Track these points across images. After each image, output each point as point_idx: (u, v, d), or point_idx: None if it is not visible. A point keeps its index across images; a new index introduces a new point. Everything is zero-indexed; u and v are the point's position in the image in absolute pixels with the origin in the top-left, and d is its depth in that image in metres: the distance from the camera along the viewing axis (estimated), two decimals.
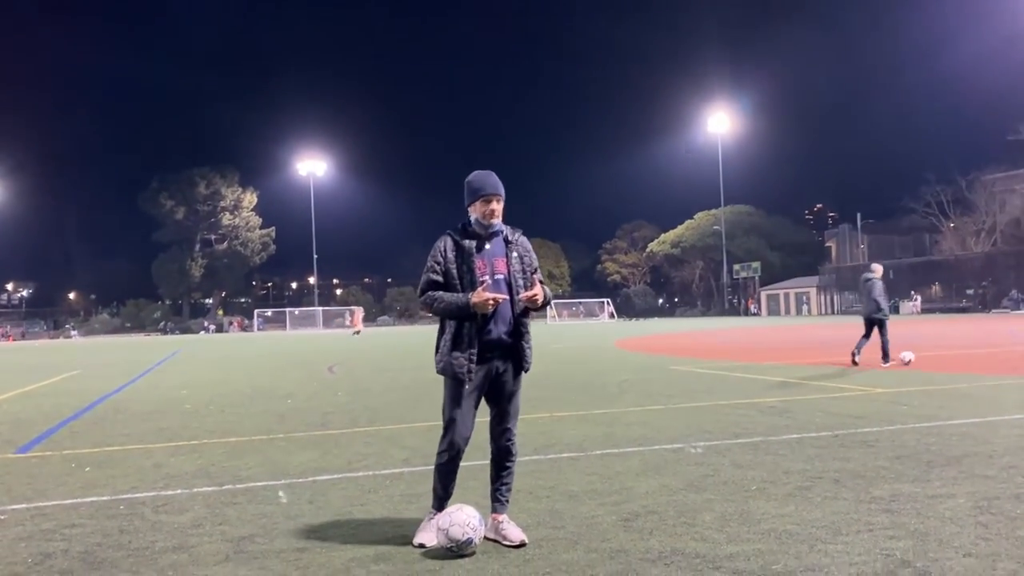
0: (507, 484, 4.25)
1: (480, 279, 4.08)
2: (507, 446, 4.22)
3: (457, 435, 4.13)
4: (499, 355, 4.14)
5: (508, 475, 4.25)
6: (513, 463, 4.26)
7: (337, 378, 15.57)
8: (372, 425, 8.52)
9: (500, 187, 4.22)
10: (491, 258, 4.16)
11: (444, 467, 4.21)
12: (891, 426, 7.32)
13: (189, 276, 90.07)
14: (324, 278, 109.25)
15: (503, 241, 4.24)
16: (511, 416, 4.22)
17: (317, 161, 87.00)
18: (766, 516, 4.39)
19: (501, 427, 4.22)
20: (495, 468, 4.26)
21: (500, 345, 4.13)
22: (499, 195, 4.20)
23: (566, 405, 9.74)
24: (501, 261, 4.17)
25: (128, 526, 4.65)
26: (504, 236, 4.25)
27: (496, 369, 4.15)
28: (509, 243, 4.24)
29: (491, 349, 4.11)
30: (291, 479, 5.84)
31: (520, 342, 4.19)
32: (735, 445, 6.61)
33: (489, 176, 4.24)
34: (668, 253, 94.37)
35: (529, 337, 4.26)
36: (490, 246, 4.19)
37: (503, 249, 4.21)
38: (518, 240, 4.29)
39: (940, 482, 5.06)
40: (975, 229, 70.68)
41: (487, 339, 4.09)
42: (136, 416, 10.06)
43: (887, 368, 13.32)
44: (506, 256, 4.19)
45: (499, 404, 4.22)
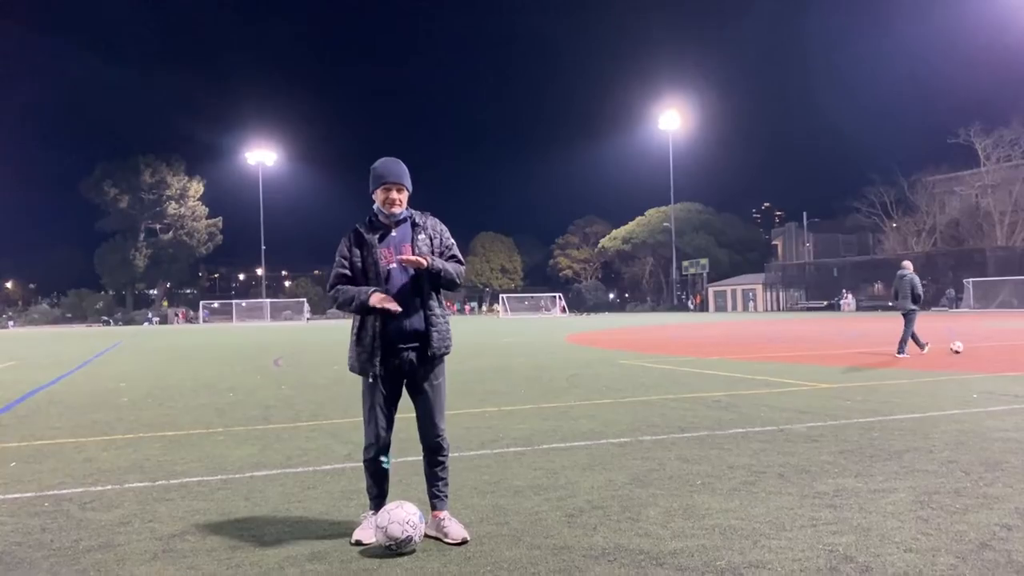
0: (443, 479, 4.13)
1: (386, 268, 4.01)
2: (436, 443, 4.10)
3: (377, 431, 4.05)
4: (409, 344, 4.02)
5: (443, 470, 4.13)
6: (446, 458, 4.14)
7: (282, 371, 15.29)
8: (315, 419, 8.34)
9: (404, 176, 4.12)
10: (397, 244, 4.08)
11: (370, 465, 4.11)
12: (835, 421, 7.39)
13: (133, 266, 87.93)
14: (272, 269, 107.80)
15: (410, 226, 4.13)
16: (435, 411, 4.08)
17: (266, 151, 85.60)
18: (711, 511, 4.36)
19: (426, 423, 4.10)
20: (428, 466, 4.15)
21: (408, 334, 4.01)
22: (400, 184, 4.10)
23: (515, 399, 9.66)
24: (407, 247, 4.07)
25: (51, 524, 4.44)
26: (412, 221, 4.15)
27: (408, 359, 4.03)
28: (416, 226, 4.13)
29: (399, 339, 4.00)
30: (228, 475, 5.65)
31: (428, 327, 4.04)
32: (681, 439, 6.60)
33: (394, 164, 4.15)
34: (619, 249, 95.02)
35: (438, 320, 4.08)
36: (396, 233, 4.11)
37: (409, 234, 4.11)
38: (426, 223, 4.18)
39: (882, 476, 5.09)
40: (916, 229, 72.50)
41: (393, 329, 3.98)
42: (70, 409, 9.72)
43: (901, 359, 13.88)
44: (412, 240, 4.09)
45: (418, 398, 4.11)
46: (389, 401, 4.08)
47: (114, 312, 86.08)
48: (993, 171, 66.90)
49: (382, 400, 4.05)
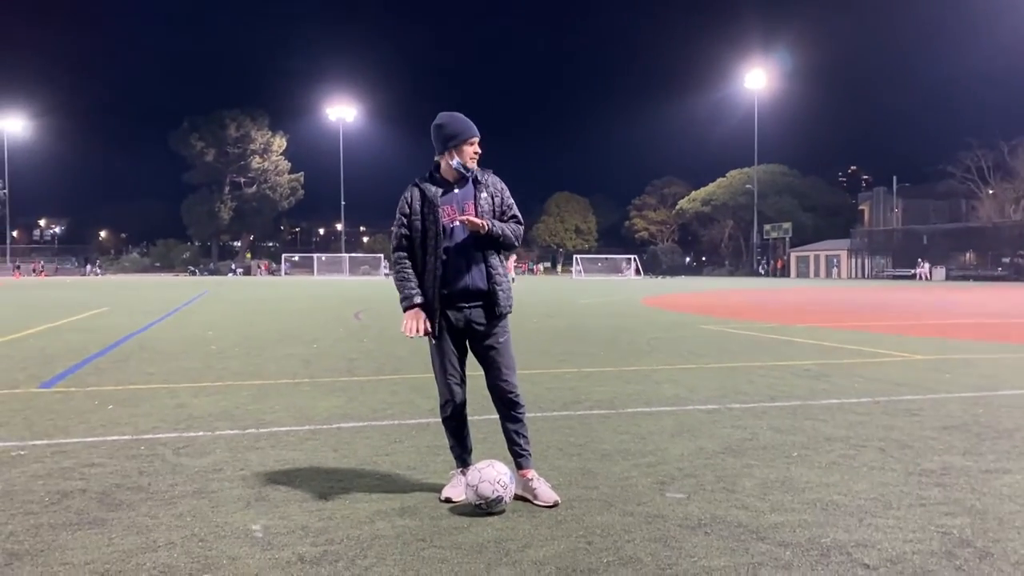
0: (524, 436, 4.03)
1: (449, 225, 3.92)
2: (509, 398, 4.00)
3: (448, 388, 4.00)
4: (470, 303, 3.94)
5: (521, 427, 4.02)
6: (522, 415, 4.03)
7: (363, 325, 15.49)
8: (398, 373, 8.39)
9: (475, 129, 4.04)
10: (460, 202, 3.97)
11: (449, 422, 4.07)
12: (934, 395, 7.05)
13: (218, 218, 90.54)
14: (351, 225, 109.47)
15: (472, 184, 4.02)
16: (503, 367, 3.99)
17: (347, 107, 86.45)
18: (810, 484, 4.18)
19: (497, 380, 4.00)
20: (505, 423, 4.05)
21: (470, 292, 3.93)
22: (478, 137, 4.02)
23: (594, 361, 9.54)
24: (470, 204, 3.97)
25: (148, 467, 4.54)
26: (473, 178, 4.03)
27: (469, 318, 3.96)
28: (478, 183, 4.02)
29: (460, 298, 3.93)
30: (316, 425, 5.71)
31: (491, 285, 3.95)
32: (772, 408, 6.39)
33: (463, 118, 4.04)
34: (698, 211, 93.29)
35: (502, 279, 4.00)
36: (459, 190, 4.00)
37: (472, 192, 4.00)
38: (488, 180, 4.06)
39: (993, 456, 4.81)
40: (1015, 196, 68.97)
41: (455, 288, 3.92)
42: (161, 355, 10.02)
43: None
44: (475, 198, 3.98)
45: (483, 355, 4.02)
46: (458, 357, 4.03)
47: (199, 262, 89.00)
48: None
49: (451, 357, 4.01)
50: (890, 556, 3.18)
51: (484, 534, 3.45)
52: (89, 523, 3.58)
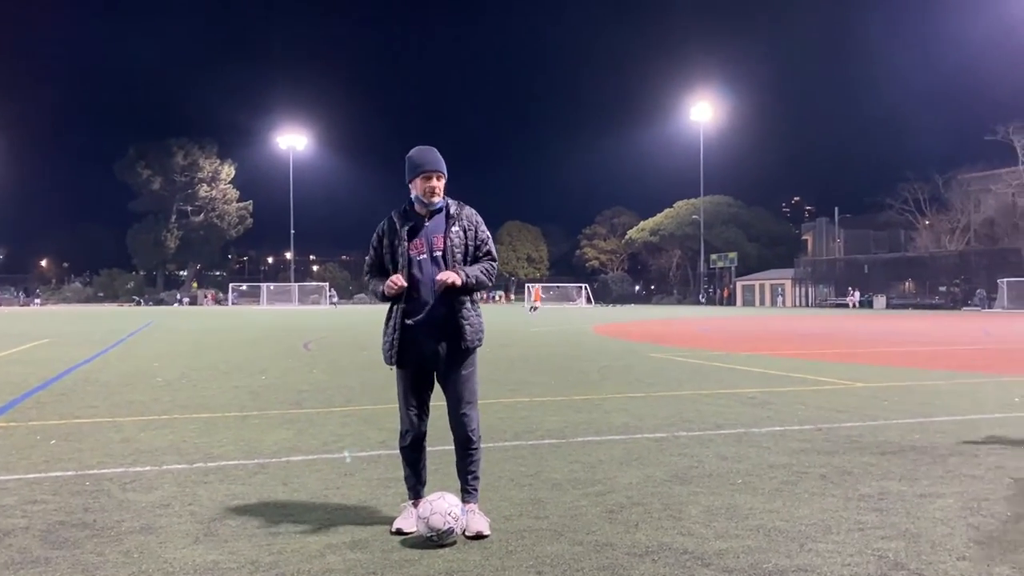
0: (473, 472, 4.07)
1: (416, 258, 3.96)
2: (465, 434, 4.03)
3: (410, 418, 4.04)
4: (437, 335, 3.96)
5: (473, 464, 4.06)
6: (476, 450, 4.07)
7: (313, 355, 15.37)
8: (348, 405, 8.36)
9: (441, 164, 4.05)
10: (430, 235, 4.01)
11: (407, 453, 4.10)
12: (874, 421, 7.27)
13: (164, 247, 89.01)
14: (301, 254, 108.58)
15: (444, 217, 4.05)
16: (463, 401, 4.02)
17: (297, 135, 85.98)
18: (754, 511, 4.29)
19: (455, 413, 4.04)
20: (458, 458, 4.09)
21: (437, 325, 3.95)
22: (439, 172, 4.03)
23: (546, 390, 9.62)
24: (439, 237, 4.00)
25: (93, 504, 4.47)
26: (447, 211, 4.06)
27: (436, 351, 3.98)
28: (451, 217, 4.04)
29: (427, 329, 3.95)
30: (265, 459, 5.67)
31: (458, 319, 3.97)
32: (718, 436, 6.52)
33: (430, 152, 4.07)
34: (647, 240, 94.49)
35: (469, 313, 4.01)
36: (430, 223, 4.03)
37: (443, 225, 4.03)
38: (462, 214, 4.08)
39: (928, 481, 4.99)
40: (950, 227, 71.29)
41: (422, 319, 3.95)
42: (106, 388, 9.83)
43: None
44: (444, 232, 4.00)
45: (449, 388, 4.05)
46: (422, 389, 4.06)
47: (145, 292, 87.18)
48: None
49: (412, 388, 4.04)
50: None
51: (435, 566, 3.48)
52: (32, 562, 3.52)
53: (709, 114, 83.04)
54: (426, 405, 4.09)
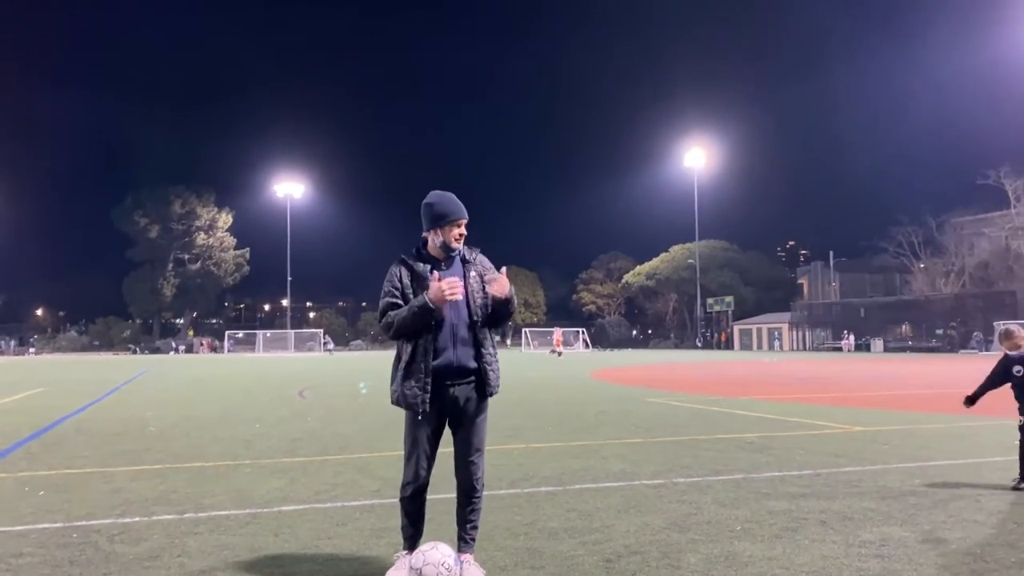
0: (472, 522, 4.02)
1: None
2: (471, 482, 3.99)
3: (417, 469, 3.93)
4: (459, 381, 3.91)
5: (474, 513, 4.02)
6: (479, 499, 4.03)
7: (307, 403, 15.25)
8: (342, 453, 8.26)
9: (465, 210, 4.06)
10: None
11: (408, 503, 3.99)
12: (873, 466, 7.19)
13: (160, 295, 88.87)
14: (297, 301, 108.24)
15: (460, 261, 4.05)
16: (474, 448, 3.98)
17: (294, 183, 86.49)
18: (753, 559, 4.22)
19: (464, 460, 3.99)
20: (460, 506, 4.04)
21: (459, 370, 3.91)
22: (466, 219, 4.05)
23: (542, 436, 9.53)
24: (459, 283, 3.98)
25: (79, 556, 4.38)
26: (461, 256, 4.06)
27: (456, 396, 3.92)
28: (467, 263, 4.05)
29: (449, 375, 3.88)
30: (256, 508, 5.58)
31: (482, 364, 3.95)
32: (717, 482, 6.44)
33: (453, 199, 4.07)
34: (643, 285, 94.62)
35: (492, 359, 4.01)
36: (447, 268, 4.02)
37: (460, 270, 4.02)
38: (476, 259, 4.10)
39: (929, 526, 4.92)
40: (945, 270, 71.55)
41: (443, 364, 3.87)
42: (98, 437, 9.72)
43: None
44: (464, 276, 4.00)
45: (461, 434, 3.99)
46: (434, 439, 3.98)
47: (140, 340, 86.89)
48: (1023, 213, 66.08)
49: (427, 438, 3.93)
50: None
51: None
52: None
53: (703, 160, 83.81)
54: (435, 456, 4.01)
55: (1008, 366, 6.17)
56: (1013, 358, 6.14)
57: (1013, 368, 6.13)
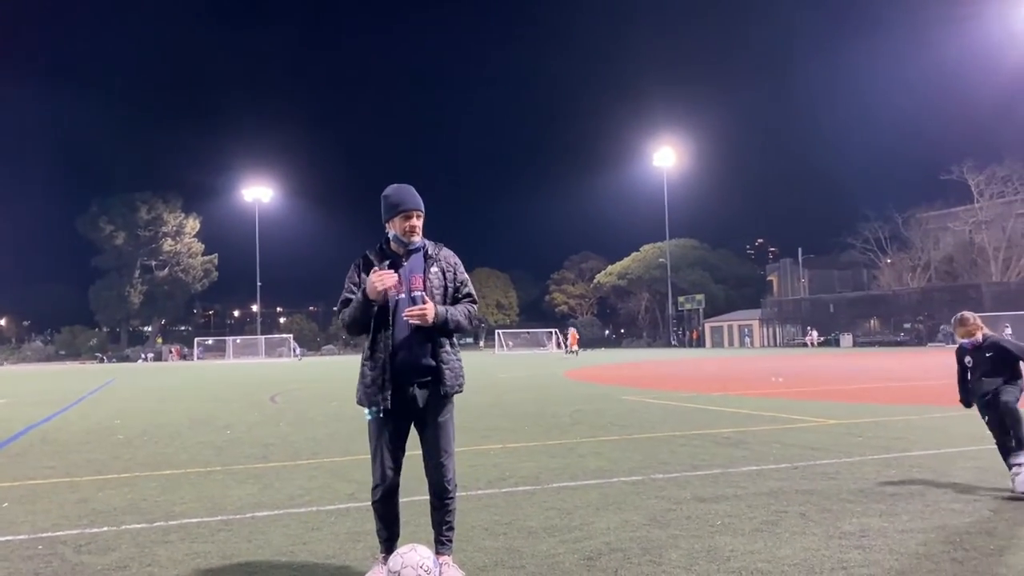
0: (448, 523, 3.93)
1: (395, 298, 3.81)
2: (442, 484, 3.89)
3: (383, 470, 3.84)
4: (417, 380, 3.83)
5: (448, 514, 3.93)
6: (452, 500, 3.93)
7: (279, 408, 15.06)
8: (316, 457, 8.14)
9: (420, 202, 3.95)
10: (408, 275, 3.90)
11: (380, 505, 3.91)
12: (849, 458, 7.21)
13: (128, 303, 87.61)
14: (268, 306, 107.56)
15: (423, 257, 3.95)
16: (442, 449, 3.88)
17: (263, 188, 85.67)
18: (735, 553, 4.18)
19: (432, 462, 3.89)
20: (433, 509, 3.95)
21: (415, 368, 3.82)
22: (419, 210, 3.94)
23: (519, 436, 9.46)
24: (418, 278, 3.90)
25: (45, 568, 4.24)
26: (424, 251, 3.97)
27: (415, 395, 3.84)
28: (429, 258, 3.95)
29: (407, 373, 3.80)
30: (228, 515, 5.45)
31: (439, 363, 3.86)
32: (695, 477, 6.42)
33: (408, 190, 3.96)
34: (615, 284, 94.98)
35: (450, 357, 3.91)
36: (407, 263, 3.92)
37: (421, 265, 3.93)
38: (440, 255, 4.00)
39: (907, 516, 4.92)
40: (911, 265, 72.60)
41: (401, 362, 3.79)
42: (64, 447, 9.50)
43: None
44: (423, 271, 3.91)
45: (427, 436, 3.89)
46: (397, 438, 3.88)
47: (108, 349, 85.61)
48: (987, 207, 67.20)
49: (389, 437, 3.85)
50: None
51: None
52: None
53: (672, 159, 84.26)
54: (402, 454, 3.91)
55: (960, 358, 6.17)
56: (965, 348, 6.12)
57: (964, 359, 6.13)
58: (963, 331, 6.13)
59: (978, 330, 6.06)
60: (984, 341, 6.00)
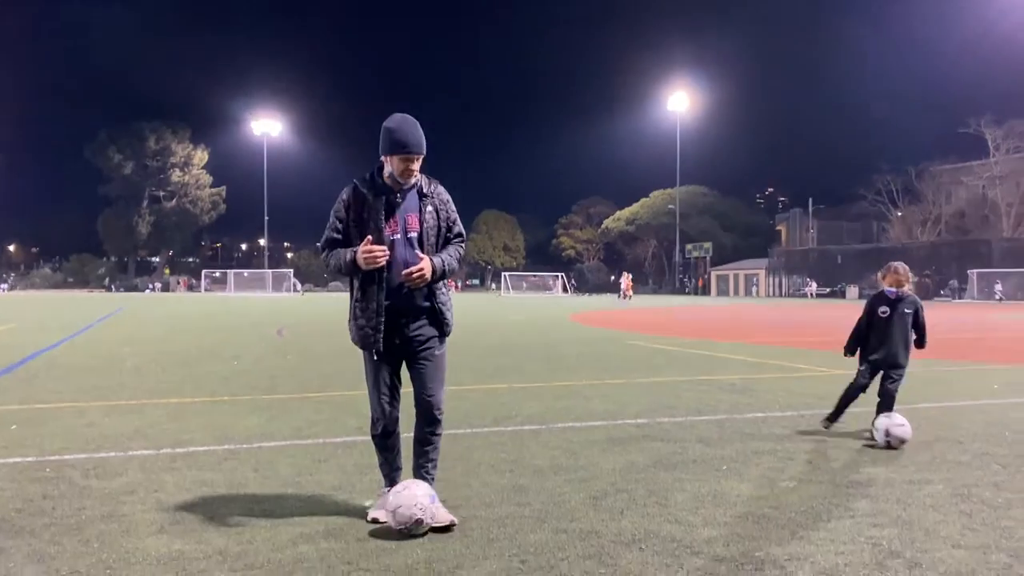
0: (433, 460, 3.86)
1: (389, 238, 3.66)
2: (433, 414, 3.80)
3: (382, 405, 3.81)
4: (412, 320, 3.75)
5: (432, 449, 3.85)
6: (438, 434, 3.86)
7: (286, 341, 15.12)
8: (323, 391, 8.16)
9: (423, 143, 3.71)
10: (403, 214, 3.72)
11: (379, 441, 3.90)
12: (856, 408, 7.17)
13: (136, 233, 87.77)
14: (275, 240, 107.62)
15: (417, 194, 3.76)
16: (434, 380, 3.82)
17: (272, 121, 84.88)
18: (741, 498, 4.17)
19: (424, 392, 3.81)
20: (417, 439, 3.86)
21: (412, 309, 3.74)
22: (421, 153, 3.70)
23: (524, 376, 9.48)
24: (414, 217, 3.72)
25: (53, 491, 4.26)
26: (419, 189, 3.77)
27: (410, 335, 3.76)
28: (424, 196, 3.76)
29: (402, 314, 3.72)
30: (235, 445, 5.47)
31: (436, 303, 3.79)
32: (700, 422, 6.41)
33: (412, 128, 3.70)
34: (623, 230, 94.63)
35: (444, 297, 3.84)
36: (402, 200, 3.73)
37: (416, 203, 3.74)
38: (434, 191, 3.81)
39: (915, 467, 4.90)
40: (922, 219, 72.02)
41: (396, 303, 3.70)
42: (72, 372, 9.55)
43: None
44: (419, 211, 3.73)
45: (418, 369, 3.82)
46: (393, 374, 3.84)
47: (116, 278, 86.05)
48: (1002, 162, 66.34)
49: (387, 375, 3.80)
50: (823, 568, 3.18)
51: (413, 555, 3.33)
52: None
53: (686, 104, 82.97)
54: (398, 390, 3.87)
55: (875, 307, 6.06)
56: (887, 296, 6.02)
57: (880, 309, 6.03)
58: (893, 279, 6.06)
59: (907, 283, 6.06)
60: (906, 296, 6.02)
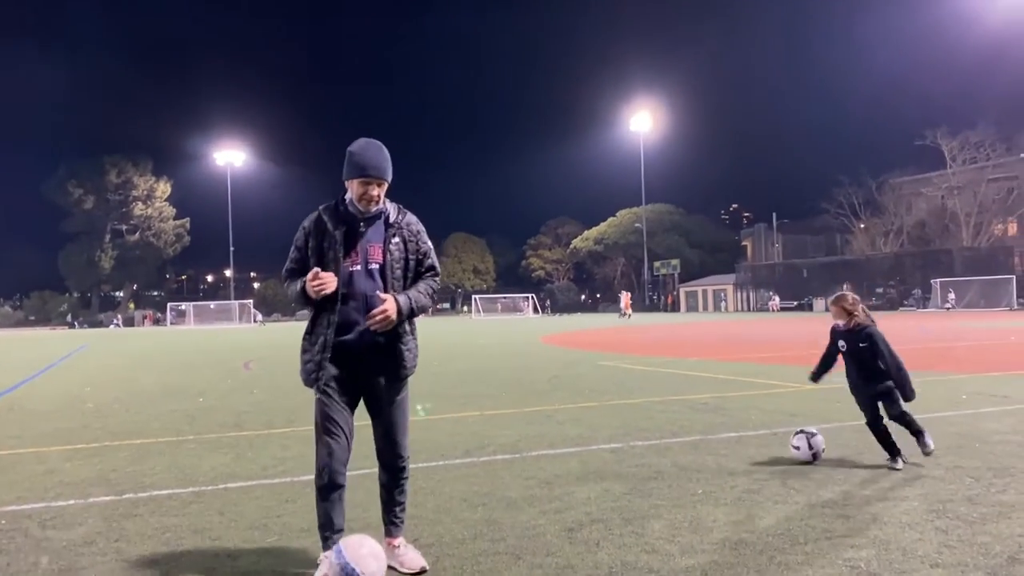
0: (401, 504, 3.67)
1: (348, 269, 3.45)
2: (397, 464, 3.61)
3: (326, 454, 3.46)
4: (369, 358, 3.51)
5: (401, 494, 3.66)
6: (406, 480, 3.67)
7: (253, 375, 14.89)
8: (290, 426, 8.01)
9: (386, 170, 3.51)
10: (365, 244, 3.51)
11: (323, 492, 3.49)
12: (828, 424, 7.20)
13: (98, 268, 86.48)
14: (241, 271, 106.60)
15: (383, 224, 3.56)
16: (396, 428, 3.58)
17: (235, 151, 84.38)
18: (717, 524, 4.12)
19: (385, 442, 3.59)
20: (385, 489, 3.65)
21: (369, 346, 3.49)
22: (382, 179, 3.49)
23: (497, 403, 9.39)
24: (377, 247, 3.51)
25: (8, 544, 4.10)
26: (386, 218, 3.57)
27: (366, 374, 3.54)
28: (391, 226, 3.55)
29: (355, 350, 3.48)
30: (200, 487, 5.32)
31: (396, 342, 3.53)
32: (675, 444, 6.37)
33: (375, 152, 3.49)
34: (591, 250, 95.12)
35: (408, 336, 3.58)
36: (366, 230, 3.52)
37: (382, 234, 3.53)
38: (404, 222, 3.58)
39: (889, 483, 4.89)
40: (884, 230, 73.21)
41: (352, 339, 3.46)
42: (32, 416, 9.29)
43: None
44: (384, 242, 3.52)
45: (378, 415, 3.60)
46: (342, 416, 3.52)
47: (79, 314, 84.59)
48: (959, 173, 67.77)
49: (338, 416, 3.51)
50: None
51: None
52: None
53: (649, 124, 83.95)
54: (350, 435, 3.55)
55: (834, 339, 5.83)
56: (838, 331, 5.78)
57: (838, 343, 5.79)
58: (836, 311, 5.70)
59: (854, 314, 5.66)
60: (858, 328, 5.62)
